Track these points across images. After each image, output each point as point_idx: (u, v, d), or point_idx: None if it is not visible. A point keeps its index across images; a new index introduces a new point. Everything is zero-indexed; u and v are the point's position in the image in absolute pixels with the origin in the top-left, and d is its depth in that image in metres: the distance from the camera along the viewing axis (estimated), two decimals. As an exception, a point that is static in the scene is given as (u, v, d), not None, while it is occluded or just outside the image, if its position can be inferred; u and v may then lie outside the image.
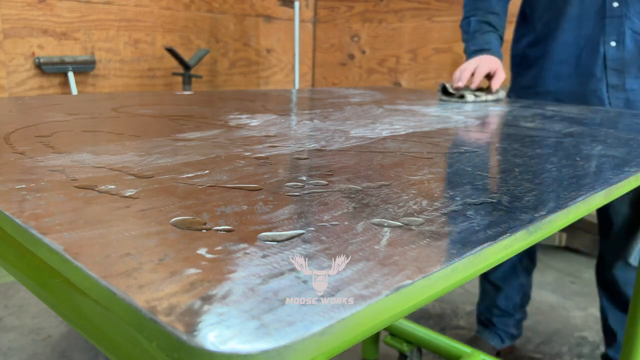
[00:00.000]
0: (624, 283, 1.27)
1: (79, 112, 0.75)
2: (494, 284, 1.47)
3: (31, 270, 0.33)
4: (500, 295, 1.46)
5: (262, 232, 0.29)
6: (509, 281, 1.45)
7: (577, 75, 1.22)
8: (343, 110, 0.90)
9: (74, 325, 0.30)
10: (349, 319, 0.21)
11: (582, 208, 0.40)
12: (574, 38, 1.21)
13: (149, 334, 0.20)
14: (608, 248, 1.31)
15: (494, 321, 1.49)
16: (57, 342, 1.53)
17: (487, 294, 1.50)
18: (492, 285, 1.47)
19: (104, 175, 0.40)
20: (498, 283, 1.46)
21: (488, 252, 0.29)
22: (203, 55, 2.47)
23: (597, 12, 1.18)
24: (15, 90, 2.08)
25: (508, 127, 0.80)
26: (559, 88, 1.25)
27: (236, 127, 0.67)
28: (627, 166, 0.53)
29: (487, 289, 1.49)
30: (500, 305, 1.47)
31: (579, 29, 1.20)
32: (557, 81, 1.25)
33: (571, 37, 1.21)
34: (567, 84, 1.24)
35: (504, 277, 1.45)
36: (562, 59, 1.23)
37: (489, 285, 1.48)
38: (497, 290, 1.47)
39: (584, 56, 1.21)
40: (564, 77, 1.24)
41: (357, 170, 0.45)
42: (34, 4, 2.07)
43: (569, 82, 1.23)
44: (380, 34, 2.94)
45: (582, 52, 1.21)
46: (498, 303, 1.47)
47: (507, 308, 1.47)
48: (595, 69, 1.20)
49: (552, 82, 1.26)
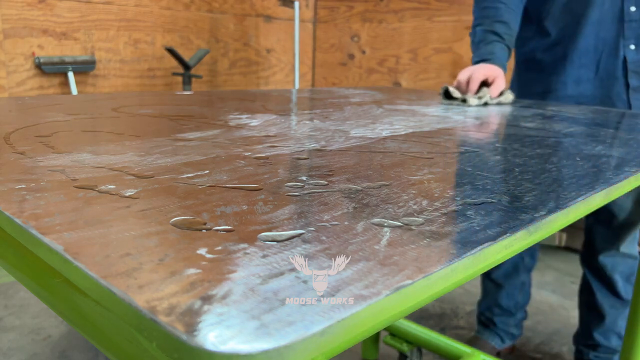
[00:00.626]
0: (612, 268, 1.33)
1: (79, 112, 0.75)
2: (495, 282, 1.47)
3: (31, 270, 0.33)
4: (502, 293, 1.47)
5: (262, 232, 0.29)
6: (511, 279, 1.46)
7: (597, 79, 1.24)
8: (343, 110, 0.90)
9: (74, 325, 0.30)
10: (349, 319, 0.21)
11: (582, 208, 0.40)
12: (594, 42, 1.22)
13: (149, 334, 0.20)
14: (603, 236, 1.33)
15: (495, 321, 1.49)
16: (57, 342, 1.53)
17: (488, 292, 1.50)
18: (494, 283, 1.47)
19: (104, 175, 0.40)
20: (500, 281, 1.46)
21: (488, 252, 0.29)
22: (203, 55, 2.47)
23: (616, 17, 1.20)
24: (15, 90, 2.08)
25: (508, 127, 0.80)
26: (579, 92, 1.26)
27: (236, 127, 0.67)
28: (627, 166, 0.53)
29: (488, 287, 1.50)
30: (501, 304, 1.47)
31: (599, 33, 1.21)
32: (578, 85, 1.26)
33: (591, 41, 1.22)
34: (588, 87, 1.25)
35: (505, 275, 1.46)
36: (583, 63, 1.24)
37: (490, 283, 1.49)
38: (498, 288, 1.47)
39: (604, 60, 1.22)
40: (584, 81, 1.25)
41: (357, 170, 0.45)
42: (34, 4, 2.07)
43: (589, 86, 1.24)
44: (380, 34, 2.94)
45: (602, 55, 1.22)
46: (500, 301, 1.47)
47: (508, 307, 1.48)
48: (615, 72, 1.21)
49: (573, 86, 1.26)
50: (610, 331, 1.37)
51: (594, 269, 1.36)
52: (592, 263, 1.36)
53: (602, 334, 1.38)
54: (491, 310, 1.50)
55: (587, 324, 1.41)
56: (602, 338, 1.38)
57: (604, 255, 1.33)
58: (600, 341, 1.38)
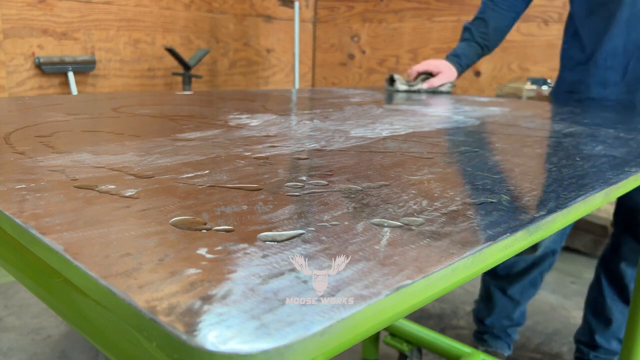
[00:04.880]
0: (630, 278, 1.29)
1: (79, 112, 0.75)
2: (512, 299, 1.44)
3: (31, 270, 0.33)
4: (517, 309, 1.45)
5: (262, 232, 0.29)
6: (527, 294, 1.44)
7: (624, 83, 1.17)
8: (343, 110, 0.90)
9: (74, 325, 0.30)
10: (349, 319, 0.21)
11: (582, 208, 0.40)
12: (623, 44, 1.15)
13: (149, 334, 0.20)
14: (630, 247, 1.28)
15: (509, 332, 1.48)
16: (57, 342, 1.53)
17: (504, 308, 1.46)
18: (511, 299, 1.44)
19: (104, 175, 0.40)
20: (516, 297, 1.43)
21: (488, 252, 0.29)
22: (203, 55, 2.47)
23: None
24: (15, 90, 2.08)
25: (508, 127, 0.80)
26: (604, 95, 1.20)
27: (236, 127, 0.67)
28: (627, 166, 0.53)
29: (504, 303, 1.45)
30: (514, 317, 1.46)
31: (629, 34, 1.14)
32: (603, 89, 1.19)
33: (620, 43, 1.15)
34: (614, 91, 1.18)
35: (522, 292, 1.43)
36: (609, 65, 1.17)
37: (506, 299, 1.44)
38: (515, 304, 1.45)
39: (632, 63, 1.15)
40: (611, 84, 1.18)
41: (357, 170, 0.45)
42: (34, 4, 2.07)
43: (615, 90, 1.18)
44: (380, 34, 2.94)
45: (631, 58, 1.15)
46: (513, 316, 1.46)
47: (519, 319, 1.48)
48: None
49: (598, 89, 1.20)
50: (613, 336, 1.35)
51: (611, 274, 1.32)
52: (612, 268, 1.31)
53: (604, 337, 1.36)
54: (501, 323, 1.47)
55: (590, 325, 1.39)
56: (603, 341, 1.36)
57: (626, 264, 1.28)
58: (601, 343, 1.36)
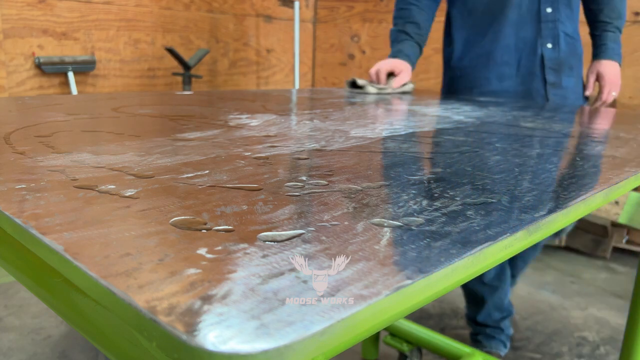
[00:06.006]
0: None
1: (79, 112, 0.75)
2: (490, 286, 1.46)
3: (31, 270, 0.33)
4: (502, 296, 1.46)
5: (262, 232, 0.29)
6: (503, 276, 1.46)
7: (519, 75, 1.35)
8: (343, 110, 0.90)
9: (74, 325, 0.30)
10: (349, 319, 0.21)
11: (582, 208, 0.40)
12: (515, 41, 1.33)
13: (149, 334, 0.20)
14: None
15: (502, 326, 1.48)
16: (57, 342, 1.53)
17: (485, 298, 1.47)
18: (489, 287, 1.46)
19: (104, 175, 0.40)
20: (495, 283, 1.46)
21: (488, 252, 0.29)
22: (203, 55, 2.47)
23: (534, 17, 1.32)
24: (15, 90, 2.08)
25: (508, 127, 0.80)
26: (503, 88, 1.36)
27: (236, 127, 0.67)
28: (627, 166, 0.53)
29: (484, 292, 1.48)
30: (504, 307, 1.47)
31: (518, 33, 1.33)
32: (501, 82, 1.36)
33: (512, 41, 1.33)
34: (510, 84, 1.36)
35: (497, 277, 1.46)
36: (505, 60, 1.35)
37: (485, 288, 1.47)
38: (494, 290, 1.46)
39: (524, 58, 1.34)
40: (507, 77, 1.36)
41: (357, 170, 0.45)
42: (34, 4, 2.07)
43: (512, 82, 1.36)
44: (380, 34, 2.94)
45: (522, 54, 1.34)
46: (500, 303, 1.47)
47: (509, 307, 1.48)
48: (534, 69, 1.34)
49: (496, 82, 1.36)
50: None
51: None
52: None
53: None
54: (491, 316, 1.48)
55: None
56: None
57: None
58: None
